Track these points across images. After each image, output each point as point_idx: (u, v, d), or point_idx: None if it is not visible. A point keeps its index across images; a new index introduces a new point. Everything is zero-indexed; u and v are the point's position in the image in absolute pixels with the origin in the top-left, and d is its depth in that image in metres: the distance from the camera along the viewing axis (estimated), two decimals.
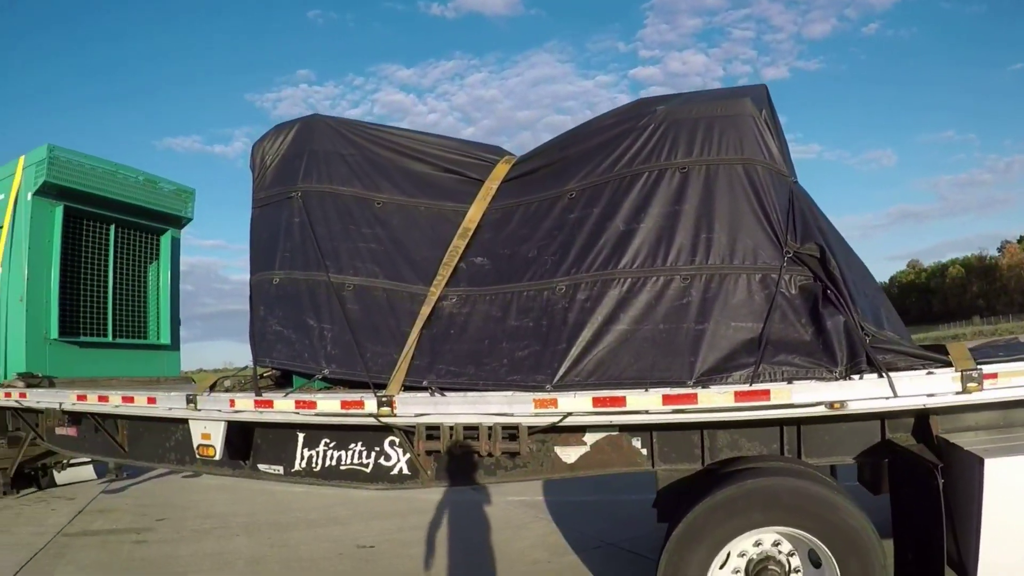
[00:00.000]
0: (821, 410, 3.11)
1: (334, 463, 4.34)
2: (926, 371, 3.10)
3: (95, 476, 9.12)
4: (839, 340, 3.14)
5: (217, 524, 6.90)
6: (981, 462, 2.91)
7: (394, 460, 4.15)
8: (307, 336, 4.15)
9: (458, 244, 3.97)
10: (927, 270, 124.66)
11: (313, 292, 4.19)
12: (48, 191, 6.59)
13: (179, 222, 7.88)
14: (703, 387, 3.19)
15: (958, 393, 3.05)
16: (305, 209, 4.36)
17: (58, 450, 6.84)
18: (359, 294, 4.07)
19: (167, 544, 6.22)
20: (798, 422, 3.50)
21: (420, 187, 4.31)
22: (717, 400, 3.14)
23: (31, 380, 6.29)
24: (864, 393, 3.08)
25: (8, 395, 6.28)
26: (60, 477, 8.85)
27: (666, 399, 3.18)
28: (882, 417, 3.42)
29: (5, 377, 6.62)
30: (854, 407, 3.09)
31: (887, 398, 3.04)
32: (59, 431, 6.23)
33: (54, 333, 6.62)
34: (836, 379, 3.11)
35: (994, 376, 3.04)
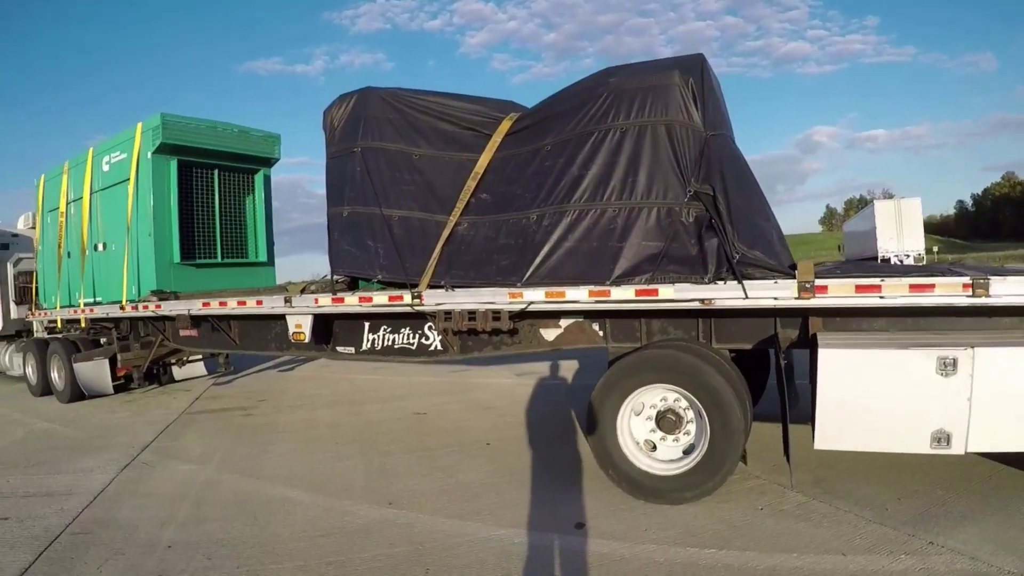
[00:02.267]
0: (696, 304, 4.91)
1: (390, 343, 6.65)
2: (774, 281, 4.77)
3: (206, 372, 12.13)
4: (712, 256, 4.93)
5: (306, 402, 9.68)
6: (816, 350, 4.48)
7: (431, 340, 6.41)
8: (366, 252, 6.39)
9: (470, 185, 6.03)
10: (1023, 183, 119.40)
11: (370, 221, 6.40)
12: (163, 149, 9.11)
13: (268, 162, 10.55)
14: (615, 286, 5.13)
15: (796, 298, 4.62)
16: (364, 160, 6.50)
17: (183, 347, 9.57)
18: (402, 222, 6.25)
19: (268, 416, 8.90)
20: (711, 315, 5.34)
21: (446, 142, 6.34)
22: (623, 295, 5.09)
23: (162, 295, 8.88)
24: (725, 294, 4.82)
25: (146, 307, 8.91)
26: (178, 373, 11.86)
27: (591, 293, 5.17)
28: (775, 315, 5.10)
29: (139, 294, 9.24)
30: (720, 304, 4.84)
31: (742, 299, 4.77)
32: (183, 333, 8.91)
33: (176, 258, 9.24)
34: (706, 284, 4.91)
35: (824, 289, 4.56)
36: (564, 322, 5.89)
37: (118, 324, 10.53)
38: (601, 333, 5.78)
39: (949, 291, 4.35)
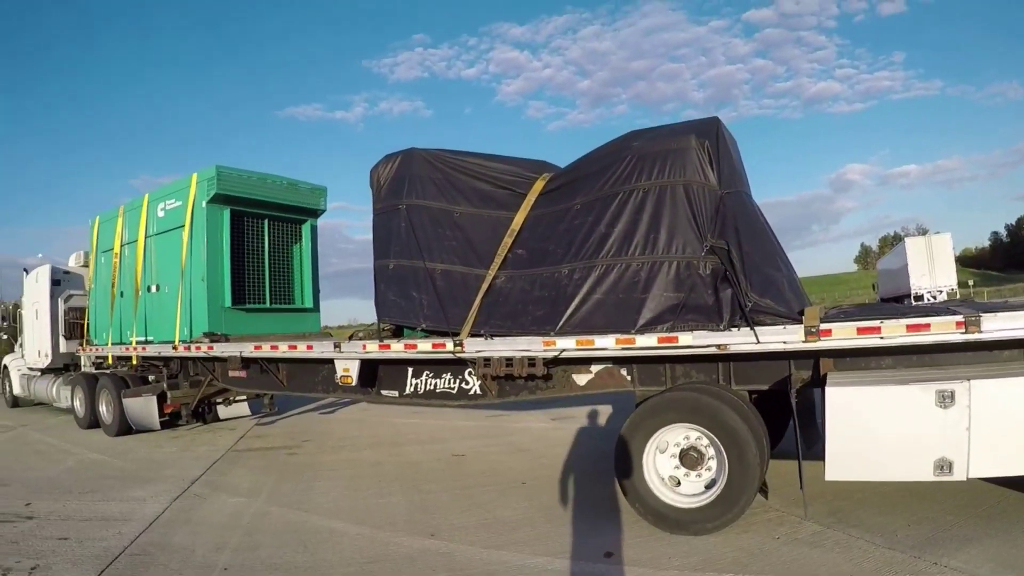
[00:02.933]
0: (713, 349, 5.56)
1: (432, 387, 7.33)
2: (783, 327, 5.41)
3: (249, 412, 12.90)
4: (727, 305, 5.59)
5: (349, 443, 10.40)
6: (823, 389, 5.18)
7: (470, 385, 7.08)
8: (411, 302, 7.11)
9: (507, 241, 6.73)
10: None
11: (415, 274, 7.14)
12: (217, 199, 10.01)
13: (316, 213, 11.51)
14: (640, 334, 5.78)
15: (803, 341, 5.28)
16: (408, 217, 7.25)
17: (232, 388, 10.33)
18: (444, 275, 6.97)
19: (312, 455, 9.63)
20: (730, 359, 5.98)
21: (484, 200, 7.06)
22: (647, 342, 5.74)
23: (214, 337, 9.66)
24: (739, 340, 5.49)
25: (199, 348, 9.69)
26: (223, 412, 12.66)
27: (618, 341, 5.84)
28: (789, 358, 5.73)
29: (191, 335, 10.04)
30: (734, 348, 5.50)
31: (755, 343, 5.41)
32: (232, 374, 9.66)
33: (227, 303, 10.08)
34: (721, 331, 5.56)
35: (828, 332, 5.19)
36: (595, 368, 6.53)
37: (168, 363, 11.37)
38: (629, 378, 6.41)
39: (944, 329, 4.92)
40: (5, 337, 18.92)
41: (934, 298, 35.10)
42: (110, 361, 12.78)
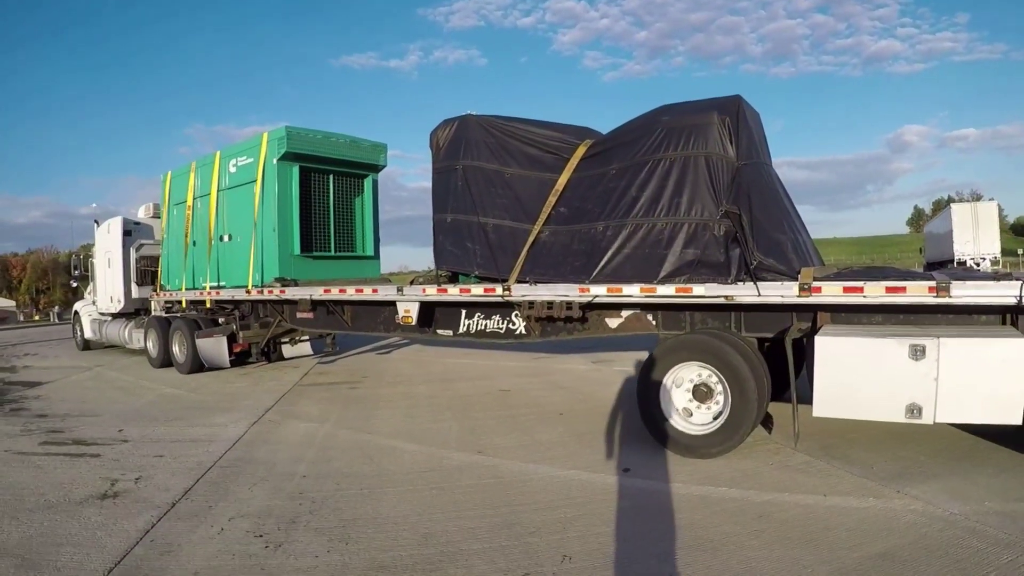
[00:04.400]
0: (722, 300, 6.81)
1: (483, 328, 8.78)
2: (780, 283, 6.60)
3: (312, 352, 14.62)
4: (735, 262, 6.85)
5: (405, 379, 12.18)
6: (812, 338, 6.20)
7: (516, 326, 8.50)
8: (466, 252, 8.55)
9: (551, 200, 8.08)
10: None
11: (469, 227, 8.56)
12: (287, 157, 11.61)
13: (376, 168, 13.18)
14: (661, 284, 7.09)
15: (797, 296, 6.39)
16: (464, 176, 8.61)
17: (300, 328, 11.96)
18: (495, 229, 8.38)
19: (371, 389, 11.35)
20: (741, 309, 7.24)
21: (532, 163, 8.40)
22: (666, 291, 7.06)
23: (285, 282, 11.25)
24: (743, 292, 6.73)
25: (271, 292, 11.28)
26: (288, 352, 14.43)
27: (642, 289, 7.18)
28: (792, 310, 6.96)
29: (263, 281, 11.61)
30: (739, 299, 6.74)
31: (756, 296, 6.65)
32: (300, 315, 11.26)
33: (296, 250, 11.73)
34: (729, 284, 6.82)
35: (819, 289, 6.27)
36: (625, 313, 7.91)
37: (238, 306, 13.01)
38: (654, 322, 7.78)
39: (918, 292, 6.02)
40: (75, 285, 20.88)
41: (977, 265, 36.21)
42: (184, 305, 14.55)
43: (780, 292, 6.57)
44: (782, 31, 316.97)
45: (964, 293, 5.91)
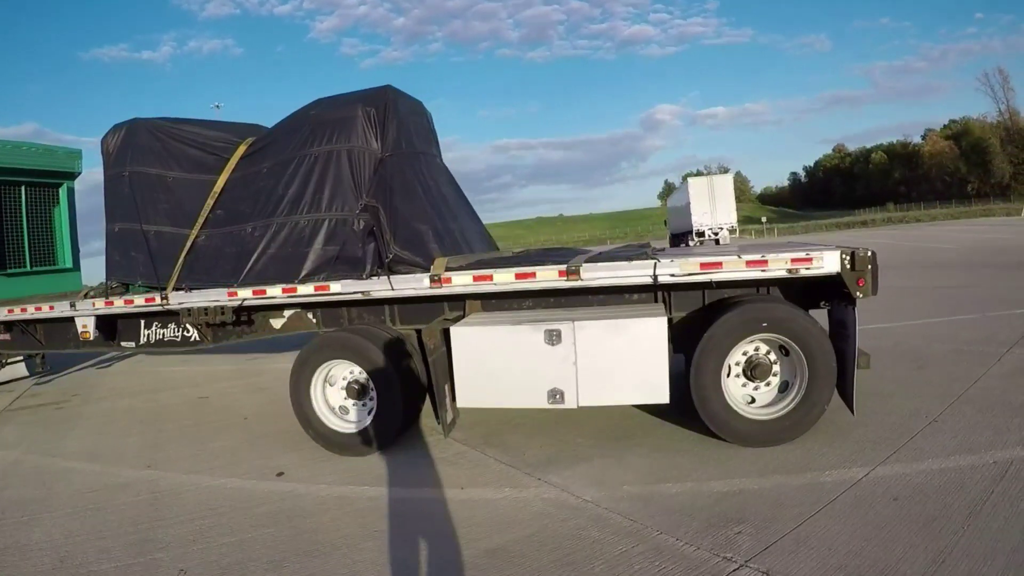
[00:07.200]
0: (359, 296, 6.95)
1: (162, 337, 8.68)
2: (413, 275, 6.81)
3: (27, 373, 13.84)
4: (370, 257, 7.01)
5: (112, 393, 11.85)
6: (446, 332, 6.34)
7: (191, 332, 8.41)
8: (131, 262, 8.40)
9: (209, 202, 8.02)
10: (851, 155, 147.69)
11: (134, 235, 8.39)
12: None
13: (72, 176, 12.75)
14: (302, 284, 7.19)
15: (429, 288, 6.60)
16: (130, 183, 8.43)
17: (2, 350, 11.39)
18: (156, 236, 8.25)
19: (76, 407, 10.95)
20: (394, 303, 7.26)
21: (196, 166, 8.30)
22: (306, 290, 7.16)
23: None
24: (378, 287, 6.88)
25: None
26: (1, 376, 13.46)
27: (283, 290, 7.24)
28: (442, 301, 6.98)
29: None
30: (376, 295, 6.90)
31: (390, 290, 6.83)
32: None
33: None
34: (365, 279, 6.94)
35: (449, 280, 6.55)
36: (287, 313, 7.97)
37: None
38: (315, 320, 7.87)
39: (549, 277, 6.30)
40: None
41: (715, 235, 40.51)
42: None
43: (413, 285, 6.80)
44: (538, 17, 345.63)
45: (595, 275, 6.18)
